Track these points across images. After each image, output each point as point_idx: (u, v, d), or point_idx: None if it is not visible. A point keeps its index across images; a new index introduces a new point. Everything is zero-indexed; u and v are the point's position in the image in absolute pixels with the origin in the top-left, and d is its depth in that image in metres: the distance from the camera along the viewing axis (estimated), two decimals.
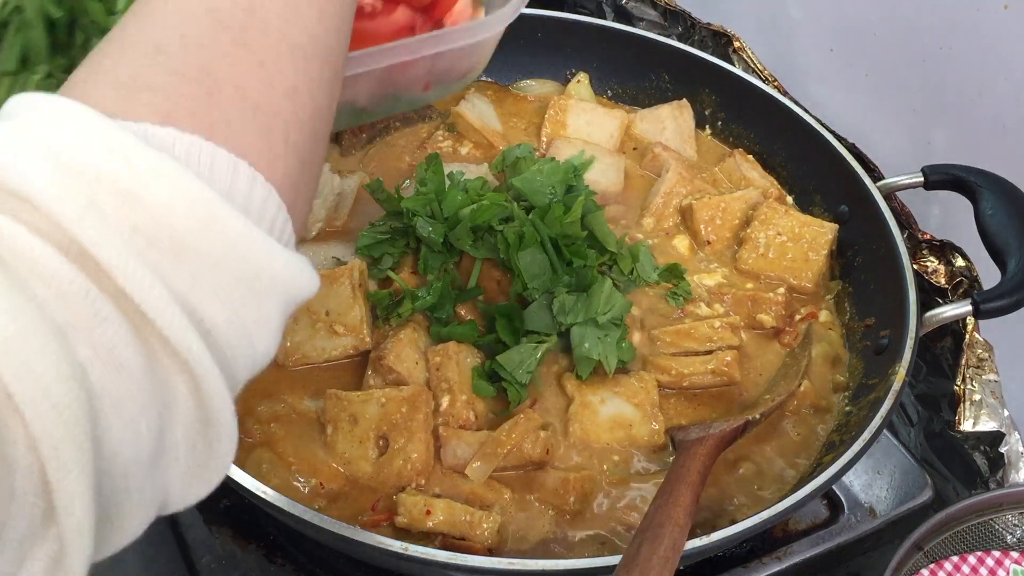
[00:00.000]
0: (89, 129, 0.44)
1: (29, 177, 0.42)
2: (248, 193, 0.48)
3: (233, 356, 0.47)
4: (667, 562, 0.79)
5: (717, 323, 1.11)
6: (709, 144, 1.40)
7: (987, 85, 1.24)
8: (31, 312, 0.40)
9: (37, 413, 0.39)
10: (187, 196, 0.44)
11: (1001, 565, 0.94)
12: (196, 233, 0.44)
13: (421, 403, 0.98)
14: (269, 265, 0.47)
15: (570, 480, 0.97)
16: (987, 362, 1.13)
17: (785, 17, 1.52)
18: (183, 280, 0.44)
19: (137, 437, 0.43)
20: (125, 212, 0.43)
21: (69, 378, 0.40)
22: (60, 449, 0.39)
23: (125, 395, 0.42)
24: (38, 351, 0.39)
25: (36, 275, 0.41)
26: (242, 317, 0.47)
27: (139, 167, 0.43)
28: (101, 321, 0.42)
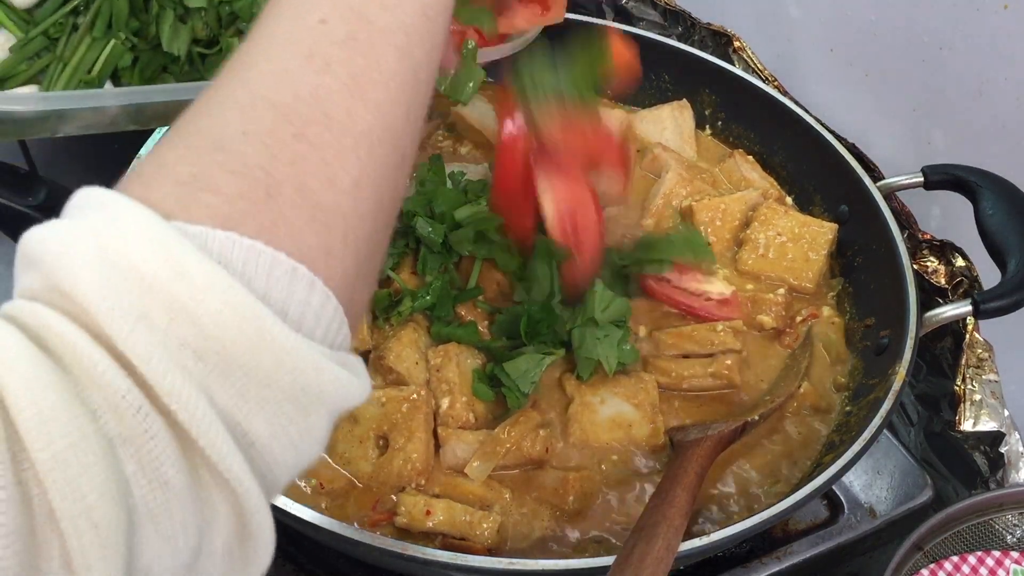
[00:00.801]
0: (147, 235, 0.43)
1: (80, 282, 0.42)
2: (306, 300, 0.47)
3: (276, 468, 0.47)
4: (660, 562, 0.79)
5: (719, 326, 1.11)
6: (709, 144, 1.40)
7: (987, 85, 1.24)
8: (87, 425, 0.40)
9: (76, 531, 0.39)
10: (238, 312, 0.43)
11: (1001, 565, 0.94)
12: (245, 350, 0.44)
13: (421, 403, 0.98)
14: (317, 381, 0.46)
15: (569, 480, 0.97)
16: (987, 362, 1.13)
17: (785, 17, 1.52)
18: (230, 396, 0.44)
19: (174, 551, 0.43)
20: (175, 327, 0.42)
21: (112, 497, 0.40)
22: (92, 568, 0.39)
23: (165, 512, 0.42)
24: (87, 468, 0.39)
25: (94, 383, 0.41)
26: (288, 431, 0.46)
27: (193, 280, 0.43)
28: (150, 439, 0.42)
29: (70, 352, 0.41)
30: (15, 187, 1.12)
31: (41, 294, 0.43)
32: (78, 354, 0.41)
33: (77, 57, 0.93)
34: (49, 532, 0.39)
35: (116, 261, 0.42)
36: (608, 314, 1.03)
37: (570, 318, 1.04)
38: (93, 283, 0.42)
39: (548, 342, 1.04)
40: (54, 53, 0.94)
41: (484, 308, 1.09)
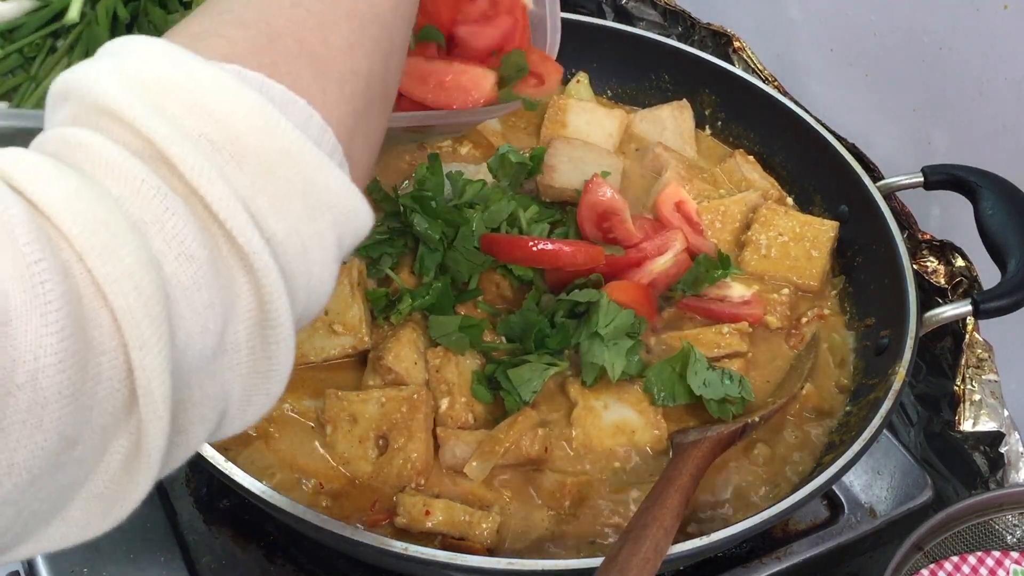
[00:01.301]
0: (160, 53, 0.48)
1: (108, 91, 0.46)
2: (305, 126, 0.50)
3: (291, 269, 0.49)
4: (647, 563, 0.79)
5: (725, 328, 1.11)
6: (710, 144, 1.40)
7: (987, 85, 1.24)
8: (109, 204, 0.42)
9: (121, 292, 0.41)
10: (248, 106, 0.47)
11: (1001, 565, 0.94)
12: (254, 139, 0.47)
13: (421, 403, 0.98)
14: (324, 179, 0.50)
15: (566, 483, 0.97)
16: (987, 362, 1.13)
17: (785, 17, 1.52)
18: (244, 185, 0.47)
19: (204, 331, 0.45)
20: (193, 118, 0.46)
21: (147, 264, 0.42)
22: (142, 329, 0.41)
23: (194, 286, 0.44)
24: (119, 237, 0.42)
25: (113, 176, 0.44)
26: (299, 231, 0.49)
27: (204, 80, 0.47)
28: (172, 215, 0.44)
29: (89, 155, 0.44)
30: None
31: (73, 117, 0.47)
32: (95, 153, 0.44)
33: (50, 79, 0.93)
34: (95, 298, 0.41)
35: (137, 73, 0.47)
36: (612, 329, 1.02)
37: (575, 331, 1.04)
38: (117, 90, 0.46)
39: (553, 353, 1.04)
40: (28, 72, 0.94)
41: (485, 309, 1.09)
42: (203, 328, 0.45)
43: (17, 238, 0.39)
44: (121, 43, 0.50)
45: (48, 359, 0.38)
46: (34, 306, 0.38)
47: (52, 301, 0.39)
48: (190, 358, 0.45)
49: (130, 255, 0.41)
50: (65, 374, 0.39)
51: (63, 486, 0.42)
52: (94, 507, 0.45)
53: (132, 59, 0.48)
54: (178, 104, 0.46)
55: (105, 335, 0.41)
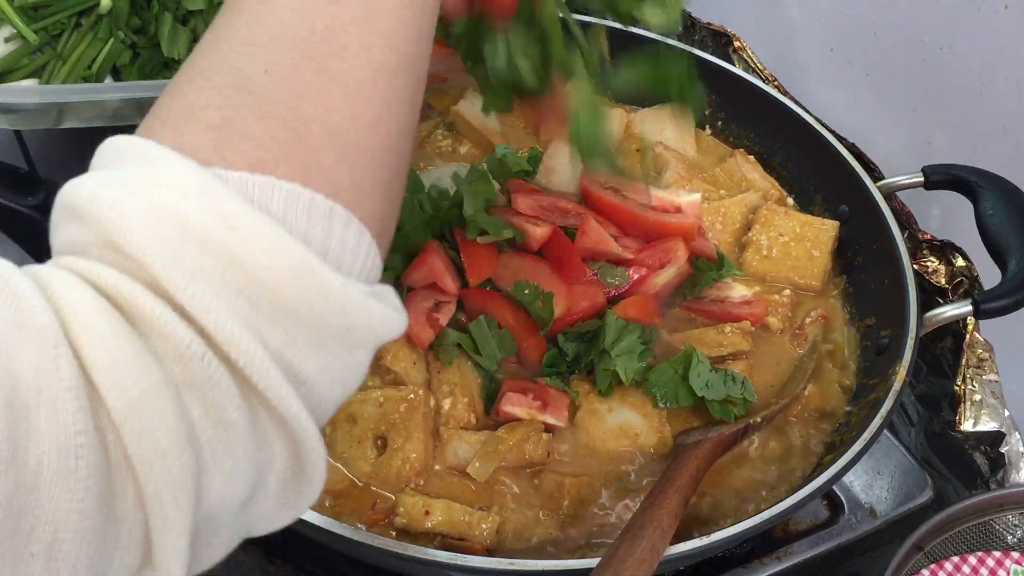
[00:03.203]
0: (192, 189, 0.44)
1: (136, 238, 0.43)
2: (343, 237, 0.49)
3: (324, 403, 0.49)
4: (642, 564, 0.79)
5: (727, 328, 1.11)
6: (710, 144, 1.40)
7: (987, 85, 1.24)
8: (157, 373, 0.42)
9: (151, 474, 0.41)
10: (287, 260, 0.45)
11: (1002, 565, 0.94)
12: (295, 296, 0.45)
13: (419, 403, 0.98)
14: (366, 320, 0.49)
15: (565, 484, 0.97)
16: (987, 362, 1.13)
17: (785, 17, 1.52)
18: (282, 340, 0.46)
19: (234, 490, 0.45)
20: (229, 277, 0.44)
21: (183, 441, 0.42)
22: (166, 512, 0.42)
23: (229, 453, 0.44)
24: (159, 414, 0.41)
25: (158, 334, 0.43)
26: (335, 368, 0.48)
27: (242, 231, 0.44)
28: (214, 385, 0.43)
29: (134, 306, 0.43)
30: (15, 187, 1.12)
31: (91, 248, 0.44)
32: (142, 308, 0.43)
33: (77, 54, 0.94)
34: (124, 475, 0.41)
35: (168, 216, 0.44)
36: (621, 347, 1.02)
37: (585, 352, 1.04)
38: (148, 239, 0.43)
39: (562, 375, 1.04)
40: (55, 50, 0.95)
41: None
42: (233, 489, 0.45)
43: (66, 404, 0.39)
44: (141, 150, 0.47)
45: (66, 534, 0.39)
46: (64, 480, 0.38)
47: (82, 479, 0.39)
48: (217, 514, 0.45)
49: (166, 436, 0.41)
50: (82, 550, 0.39)
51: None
52: None
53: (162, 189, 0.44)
54: (214, 262, 0.44)
55: (129, 507, 0.41)
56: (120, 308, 0.43)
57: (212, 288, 0.43)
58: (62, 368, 0.39)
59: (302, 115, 0.49)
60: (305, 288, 0.45)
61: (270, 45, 0.51)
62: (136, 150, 0.47)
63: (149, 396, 0.41)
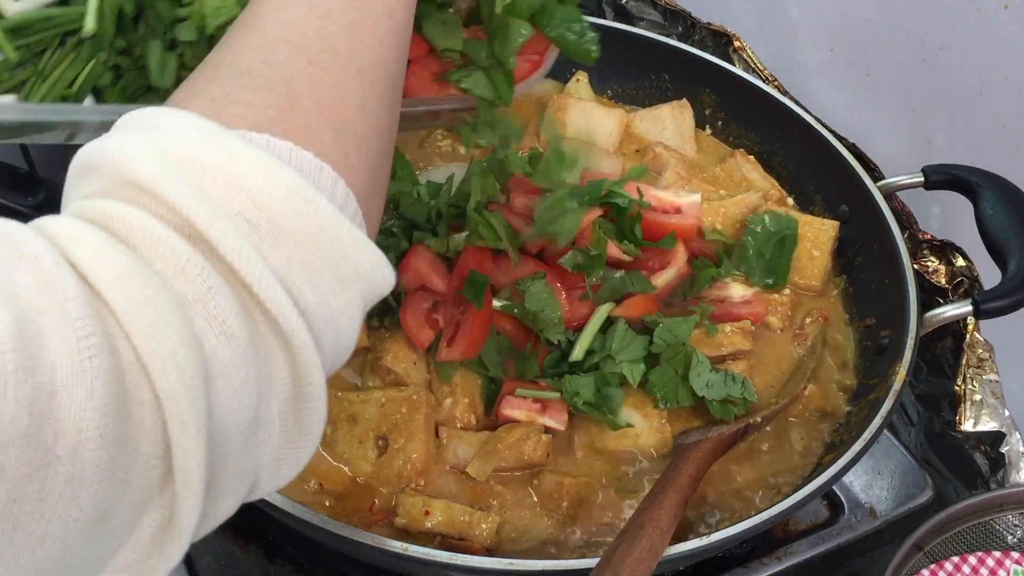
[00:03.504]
0: (194, 129, 0.49)
1: (145, 170, 0.46)
2: (332, 194, 0.52)
3: (322, 340, 0.50)
4: (641, 564, 0.79)
5: (728, 327, 1.11)
6: (711, 144, 1.40)
7: (987, 85, 1.24)
8: (157, 283, 0.44)
9: (164, 372, 0.42)
10: (284, 184, 0.48)
11: (1002, 565, 0.94)
12: (292, 218, 0.48)
13: (420, 403, 0.98)
14: (355, 253, 0.51)
15: (564, 485, 0.97)
16: (987, 362, 1.13)
17: (785, 17, 1.52)
18: (280, 262, 0.48)
19: (241, 406, 0.46)
20: (230, 198, 0.47)
21: (191, 342, 0.43)
22: (182, 407, 0.42)
23: (232, 364, 0.45)
24: (165, 317, 0.43)
25: (157, 254, 0.45)
26: (329, 303, 0.50)
27: (240, 159, 0.48)
28: (215, 295, 0.45)
29: (132, 230, 0.45)
30: (14, 187, 1.12)
31: (104, 191, 0.47)
32: (140, 230, 0.45)
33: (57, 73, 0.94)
34: (138, 375, 0.42)
35: (172, 151, 0.47)
36: (626, 354, 1.02)
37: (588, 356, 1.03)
38: (154, 168, 0.46)
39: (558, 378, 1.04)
40: (36, 67, 0.95)
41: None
42: (240, 405, 0.46)
43: (70, 312, 0.40)
44: (150, 115, 0.51)
45: (90, 433, 0.39)
46: (80, 381, 0.39)
47: (98, 377, 0.40)
48: (226, 434, 0.46)
49: (174, 335, 0.43)
50: (105, 449, 0.40)
51: (94, 557, 0.43)
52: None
53: (166, 135, 0.49)
54: (218, 186, 0.47)
55: (146, 412, 0.42)
56: (119, 236, 0.45)
57: (214, 206, 0.46)
58: (64, 279, 0.41)
59: (294, 91, 0.54)
60: (300, 211, 0.48)
61: (266, 45, 0.57)
62: (142, 115, 0.51)
63: (153, 302, 0.43)
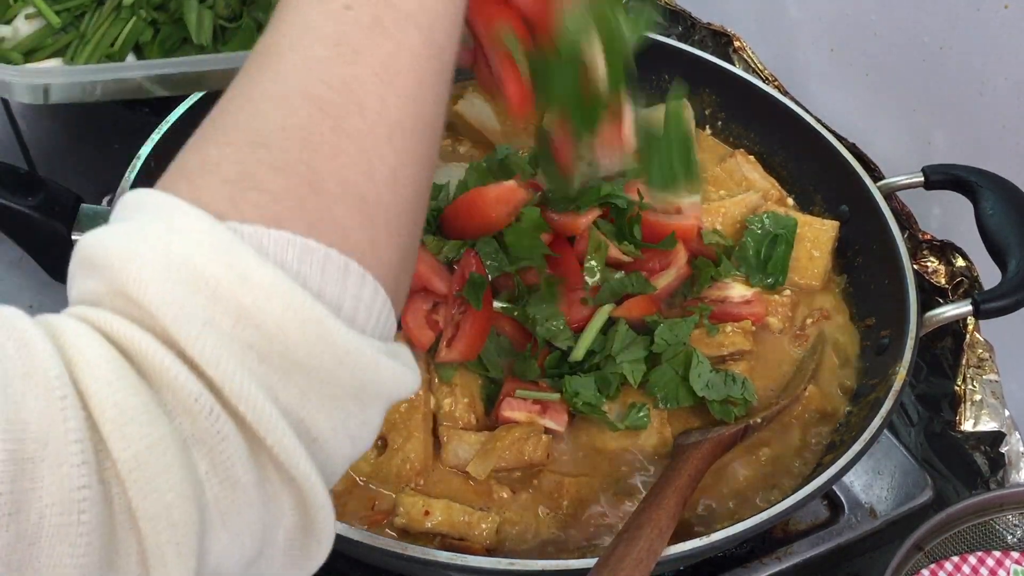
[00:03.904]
0: (206, 241, 0.44)
1: (147, 288, 0.43)
2: (358, 294, 0.48)
3: (335, 460, 0.48)
4: (639, 564, 0.79)
5: (728, 327, 1.10)
6: (710, 144, 1.40)
7: (987, 85, 1.24)
8: (165, 427, 0.41)
9: (154, 530, 0.40)
10: (299, 315, 0.44)
11: (1002, 565, 0.94)
12: (307, 351, 0.45)
13: (419, 402, 0.98)
14: (377, 377, 0.48)
15: (564, 484, 0.97)
16: (988, 362, 1.13)
17: (785, 17, 1.52)
18: (293, 395, 0.45)
19: (241, 549, 0.45)
20: (239, 331, 0.43)
21: (189, 496, 0.41)
22: (168, 567, 0.41)
23: (235, 511, 0.43)
24: (165, 469, 0.41)
25: (168, 387, 0.42)
26: (347, 425, 0.48)
27: (254, 284, 0.44)
28: (222, 440, 0.43)
29: (144, 357, 0.42)
30: (14, 187, 1.12)
31: (105, 299, 0.44)
32: (152, 359, 0.42)
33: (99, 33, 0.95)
34: (128, 530, 0.40)
35: (180, 267, 0.43)
36: (627, 354, 1.02)
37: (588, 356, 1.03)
38: (160, 289, 0.43)
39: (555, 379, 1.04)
40: (78, 29, 0.96)
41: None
42: (240, 547, 0.45)
43: (70, 456, 0.38)
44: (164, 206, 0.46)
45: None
46: (65, 534, 0.38)
47: (85, 533, 0.38)
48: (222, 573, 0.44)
49: (172, 490, 0.41)
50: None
51: None
52: None
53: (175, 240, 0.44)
54: (228, 316, 0.43)
55: (131, 565, 0.41)
56: (130, 359, 0.42)
57: (222, 341, 0.43)
58: (69, 420, 0.39)
59: (317, 170, 0.49)
60: (316, 343, 0.45)
61: (284, 101, 0.51)
62: (153, 203, 0.47)
63: (156, 449, 0.41)
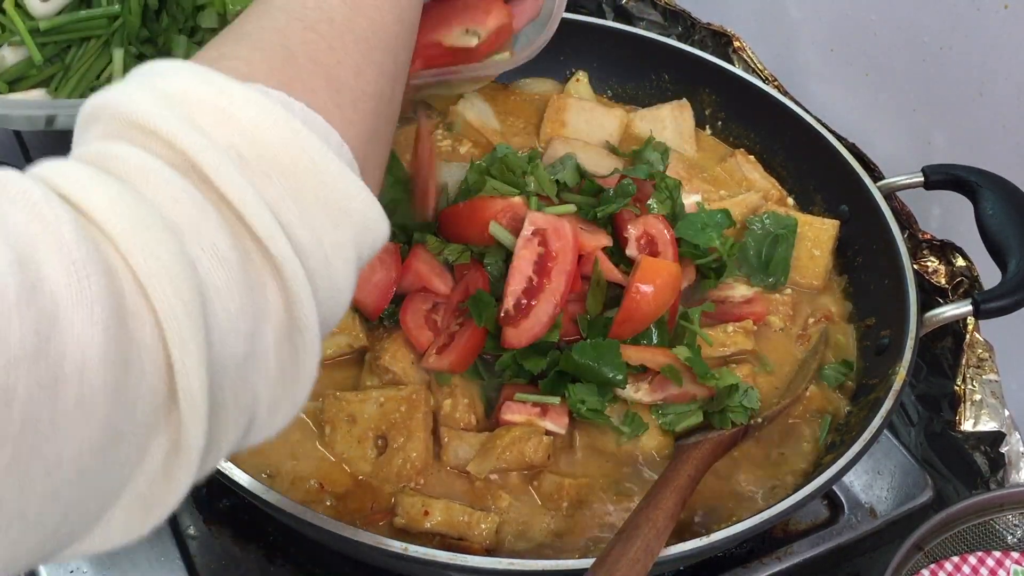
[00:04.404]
0: (186, 71, 0.51)
1: (140, 107, 0.48)
2: (325, 139, 0.52)
3: (314, 277, 0.51)
4: (636, 564, 0.79)
5: (730, 327, 1.10)
6: (710, 144, 1.40)
7: (987, 85, 1.24)
8: (150, 210, 0.44)
9: (163, 293, 0.43)
10: (275, 119, 0.50)
11: (1002, 565, 0.94)
12: (282, 151, 0.49)
13: (419, 402, 0.98)
14: (345, 190, 0.52)
15: (564, 485, 0.97)
16: (987, 362, 1.13)
17: (785, 17, 1.52)
18: (273, 195, 0.49)
19: (236, 333, 0.47)
20: (223, 131, 0.48)
21: (185, 264, 0.44)
22: (182, 327, 0.43)
23: (226, 289, 0.46)
24: (159, 238, 0.43)
25: (149, 184, 0.46)
26: (321, 240, 0.51)
27: (232, 95, 0.49)
28: (206, 220, 0.46)
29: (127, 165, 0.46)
30: None
31: (103, 134, 0.49)
32: (134, 163, 0.46)
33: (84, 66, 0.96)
34: (136, 295, 0.43)
35: (167, 89, 0.49)
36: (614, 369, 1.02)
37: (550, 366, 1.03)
38: (148, 105, 0.48)
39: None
40: (63, 61, 0.96)
41: None
42: (235, 330, 0.46)
43: (63, 236, 0.41)
44: (148, 66, 0.52)
45: (94, 351, 0.40)
46: (80, 302, 0.40)
47: (97, 298, 0.40)
48: (223, 360, 0.46)
49: (169, 254, 0.43)
50: (110, 369, 0.40)
51: (108, 486, 0.43)
52: (136, 508, 0.46)
53: (161, 78, 0.50)
54: (209, 117, 0.48)
55: (146, 331, 0.43)
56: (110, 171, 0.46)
57: (206, 137, 0.48)
58: (55, 208, 0.41)
59: (290, 49, 0.56)
60: (289, 144, 0.49)
61: (265, 14, 0.59)
62: (142, 67, 0.52)
63: (148, 225, 0.43)
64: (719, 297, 1.14)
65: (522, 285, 1.00)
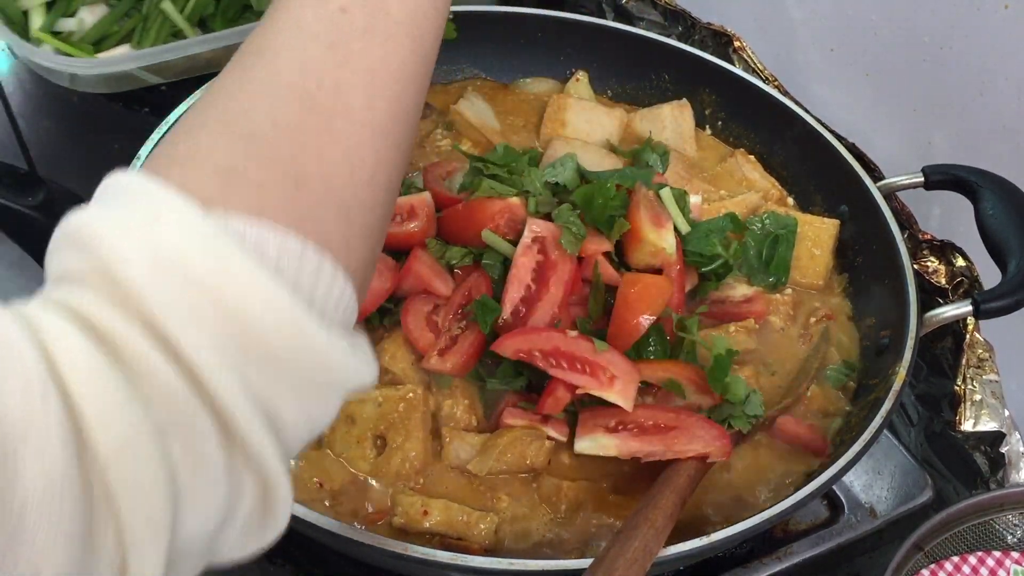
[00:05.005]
0: (193, 230, 0.46)
1: (134, 272, 0.45)
2: (328, 289, 0.51)
3: (296, 443, 0.51)
4: (634, 564, 0.79)
5: (731, 327, 1.10)
6: (710, 144, 1.40)
7: (987, 85, 1.24)
8: (142, 415, 0.43)
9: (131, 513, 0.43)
10: (278, 310, 0.47)
11: (1002, 565, 0.94)
12: (283, 345, 0.47)
13: (418, 402, 0.98)
14: (343, 372, 0.51)
15: (563, 488, 0.97)
16: (988, 362, 1.13)
17: (785, 17, 1.52)
18: (265, 384, 0.47)
19: (205, 527, 0.47)
20: (221, 322, 0.46)
21: (164, 482, 0.43)
22: (144, 545, 0.43)
23: (204, 494, 0.46)
24: (143, 456, 0.43)
25: (144, 372, 0.44)
26: (311, 413, 0.51)
27: (237, 278, 0.46)
28: (195, 426, 0.45)
29: (125, 344, 0.44)
30: (14, 187, 1.12)
31: (88, 276, 0.46)
32: (132, 347, 0.44)
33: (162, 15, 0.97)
34: (105, 513, 0.42)
35: (167, 255, 0.45)
36: None
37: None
38: (146, 276, 0.45)
39: None
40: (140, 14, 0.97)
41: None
42: (204, 527, 0.47)
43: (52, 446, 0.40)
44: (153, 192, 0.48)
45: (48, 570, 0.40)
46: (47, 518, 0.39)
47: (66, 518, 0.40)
48: (186, 548, 0.46)
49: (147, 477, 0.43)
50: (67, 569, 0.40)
51: None
52: None
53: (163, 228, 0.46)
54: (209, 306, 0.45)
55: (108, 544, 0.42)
56: (108, 344, 0.44)
57: (203, 330, 0.45)
58: (50, 411, 0.41)
59: (303, 169, 0.52)
60: (291, 339, 0.47)
61: (278, 96, 0.53)
62: (140, 188, 0.48)
63: (133, 438, 0.43)
64: (719, 297, 1.14)
65: (520, 293, 1.00)
